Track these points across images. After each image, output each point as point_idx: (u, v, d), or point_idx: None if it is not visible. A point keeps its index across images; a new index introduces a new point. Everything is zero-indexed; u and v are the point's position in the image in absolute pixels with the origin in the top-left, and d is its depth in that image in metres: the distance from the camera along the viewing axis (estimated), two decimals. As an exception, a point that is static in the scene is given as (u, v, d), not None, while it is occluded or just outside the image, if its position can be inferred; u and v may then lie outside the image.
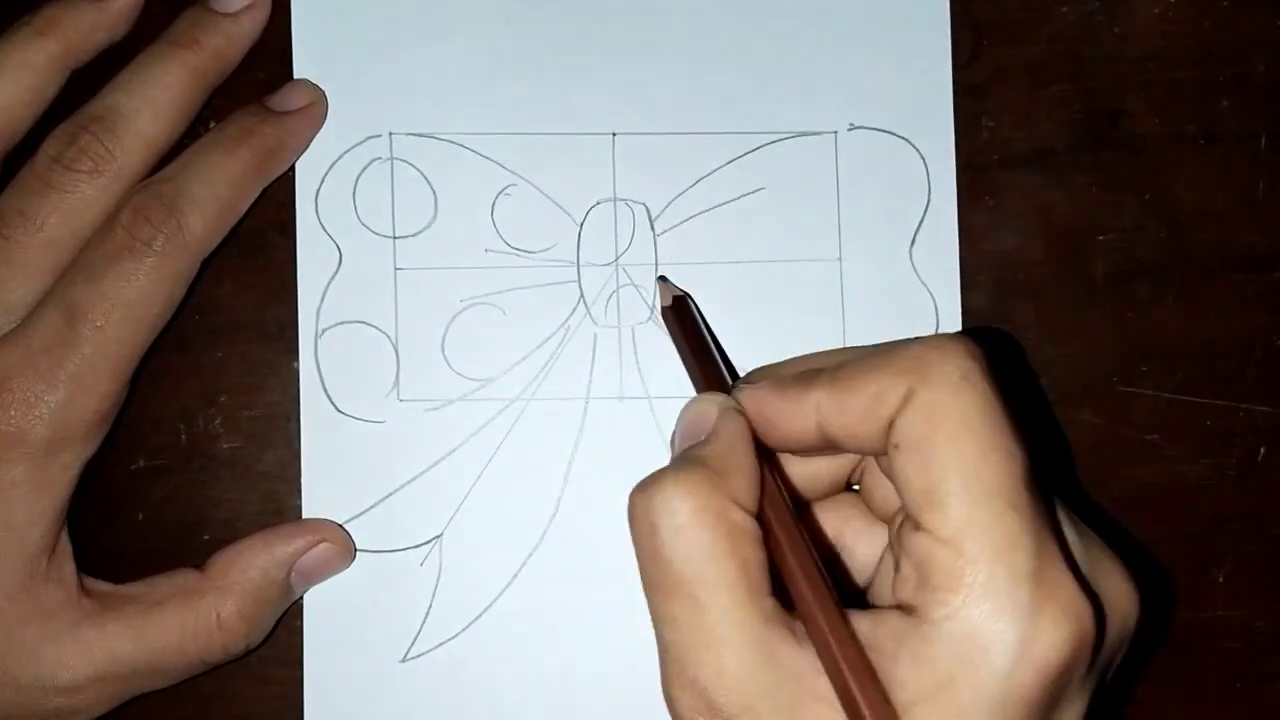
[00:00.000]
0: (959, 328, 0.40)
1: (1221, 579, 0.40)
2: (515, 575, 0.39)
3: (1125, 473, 0.40)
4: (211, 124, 0.39)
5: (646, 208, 0.40)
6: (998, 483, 0.28)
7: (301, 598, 0.39)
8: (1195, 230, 0.41)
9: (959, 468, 0.28)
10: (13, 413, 0.34)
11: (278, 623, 0.38)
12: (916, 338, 0.30)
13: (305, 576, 0.38)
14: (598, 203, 0.40)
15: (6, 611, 0.35)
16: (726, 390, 0.33)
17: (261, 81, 0.39)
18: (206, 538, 0.39)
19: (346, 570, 0.39)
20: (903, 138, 0.40)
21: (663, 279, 0.39)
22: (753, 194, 0.40)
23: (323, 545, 0.38)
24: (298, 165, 0.39)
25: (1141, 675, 0.40)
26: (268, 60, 0.39)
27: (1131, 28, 0.41)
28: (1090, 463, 0.40)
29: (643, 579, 0.30)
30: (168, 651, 0.36)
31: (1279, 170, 0.41)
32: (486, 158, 0.40)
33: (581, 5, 0.40)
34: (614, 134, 0.40)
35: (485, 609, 0.39)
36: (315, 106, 0.39)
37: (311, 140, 0.39)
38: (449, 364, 0.39)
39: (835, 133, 0.40)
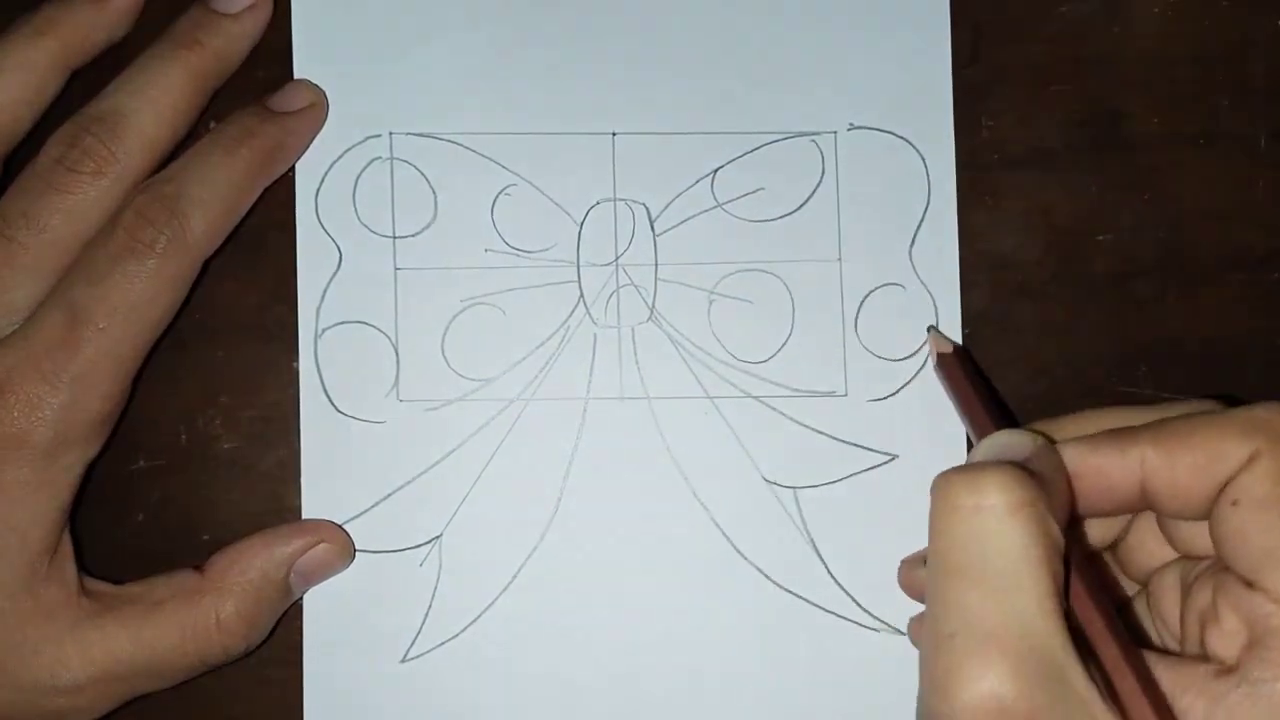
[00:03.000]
0: (959, 328, 0.40)
1: (1221, 579, 0.40)
2: (515, 575, 0.39)
3: (1125, 473, 0.40)
4: (212, 124, 0.39)
5: (646, 208, 0.40)
6: None
7: (301, 598, 0.39)
8: (1195, 230, 0.41)
9: None
10: (15, 414, 0.34)
11: (278, 623, 0.38)
12: (1255, 405, 0.30)
13: (305, 577, 0.38)
14: (598, 202, 0.40)
15: (8, 612, 0.35)
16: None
17: (262, 81, 0.39)
18: (206, 538, 0.39)
19: (346, 570, 0.39)
20: (902, 138, 0.40)
21: (934, 329, 0.39)
22: (753, 194, 0.40)
23: (322, 546, 0.38)
24: (298, 165, 0.39)
25: None
26: (268, 60, 0.39)
27: (1131, 28, 0.41)
28: (1090, 463, 0.40)
29: (940, 561, 0.28)
30: (168, 652, 0.36)
31: (1279, 170, 0.41)
32: (486, 158, 0.40)
33: (581, 5, 0.40)
34: (614, 134, 0.40)
35: (485, 609, 0.39)
36: (316, 107, 0.39)
37: (312, 140, 0.39)
38: (449, 364, 0.39)
39: (835, 133, 0.40)
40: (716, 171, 0.40)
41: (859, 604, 0.39)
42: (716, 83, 0.40)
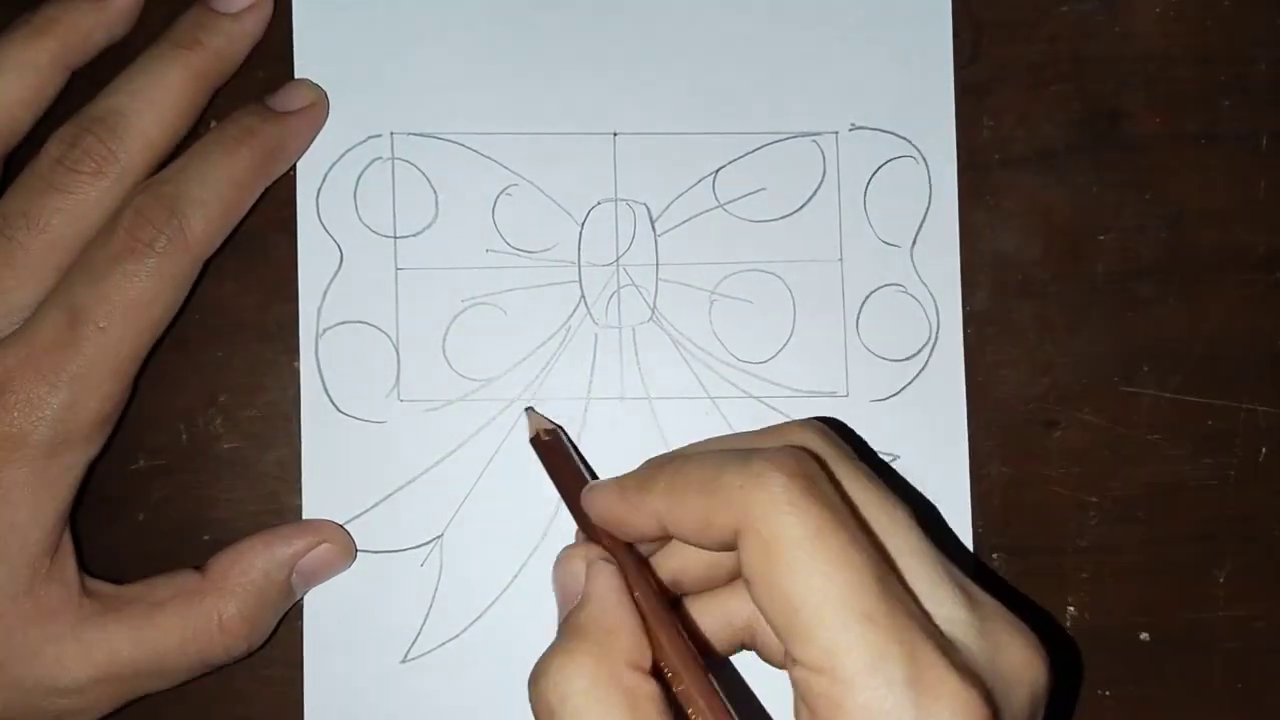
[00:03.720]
0: (959, 328, 0.40)
1: (1221, 579, 0.40)
2: (515, 576, 0.39)
3: (1127, 473, 0.40)
4: (213, 124, 0.39)
5: (647, 208, 0.40)
6: (848, 599, 0.27)
7: (302, 598, 0.39)
8: (1195, 230, 0.41)
9: (806, 595, 0.28)
10: (15, 414, 0.34)
11: (279, 623, 0.38)
12: (748, 454, 0.30)
13: (306, 577, 0.38)
14: (599, 203, 0.40)
15: (9, 613, 0.35)
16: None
17: (262, 81, 0.39)
18: (206, 538, 0.39)
19: (347, 570, 0.39)
20: (903, 138, 0.40)
21: (530, 410, 0.39)
22: (753, 194, 0.40)
23: (323, 546, 0.38)
24: (298, 165, 0.39)
25: (1142, 675, 0.40)
26: (269, 60, 0.39)
27: (1132, 27, 0.41)
28: (1092, 463, 0.40)
29: None
30: (169, 653, 0.36)
31: (1279, 170, 0.41)
32: (487, 157, 0.40)
33: (582, 5, 0.40)
34: (615, 134, 0.40)
35: (485, 609, 0.39)
36: (317, 106, 0.39)
37: (313, 140, 0.39)
38: (449, 364, 0.39)
39: (835, 133, 0.40)
40: (718, 172, 0.40)
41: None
42: (717, 83, 0.40)
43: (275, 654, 0.39)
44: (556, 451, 0.37)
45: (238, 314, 0.39)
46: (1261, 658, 0.40)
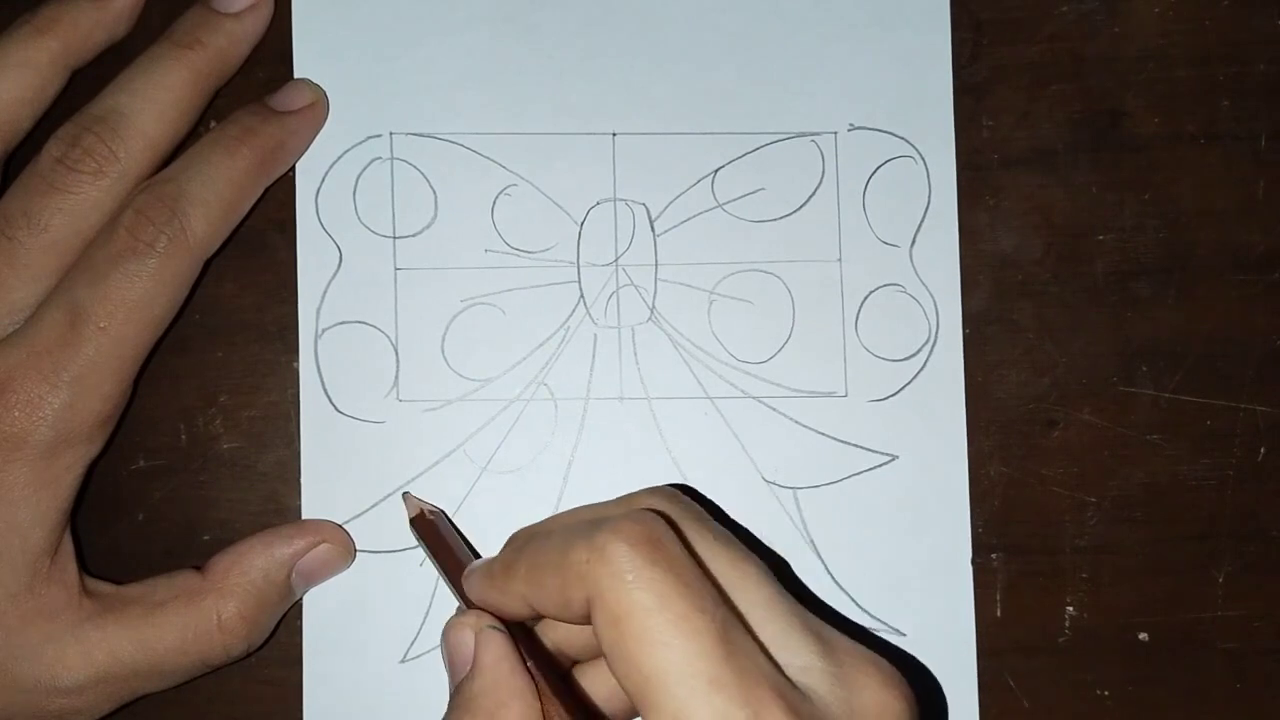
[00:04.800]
0: (959, 328, 0.40)
1: (1221, 579, 0.40)
2: (515, 575, 0.39)
3: (1126, 473, 0.40)
4: (213, 124, 0.39)
5: (646, 208, 0.40)
6: (692, 665, 0.27)
7: (302, 598, 0.39)
8: (1195, 230, 0.41)
9: (654, 665, 0.28)
10: (16, 414, 0.34)
11: (278, 624, 0.38)
12: (597, 524, 0.30)
13: (306, 577, 0.38)
14: (598, 203, 0.40)
15: (9, 612, 0.35)
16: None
17: (262, 81, 0.39)
18: (206, 538, 0.39)
19: (346, 570, 0.39)
20: (903, 138, 0.40)
21: (407, 495, 0.39)
22: (753, 194, 0.40)
23: (323, 546, 0.38)
24: (298, 165, 0.39)
25: (1141, 675, 0.40)
26: (269, 60, 0.39)
27: (1131, 27, 0.41)
28: (1091, 463, 0.40)
29: None
30: (169, 653, 0.36)
31: (1279, 170, 0.41)
32: (487, 157, 0.40)
33: (582, 5, 0.40)
34: (614, 134, 0.40)
35: (485, 609, 0.39)
36: (316, 106, 0.39)
37: (313, 140, 0.39)
38: (449, 364, 0.39)
39: (835, 133, 0.40)
40: (717, 172, 0.40)
41: (859, 604, 0.39)
42: (717, 83, 0.40)
43: (275, 654, 0.39)
44: (435, 533, 0.37)
45: (238, 314, 0.39)
46: (1261, 658, 0.40)
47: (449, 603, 0.39)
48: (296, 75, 0.39)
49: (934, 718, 0.39)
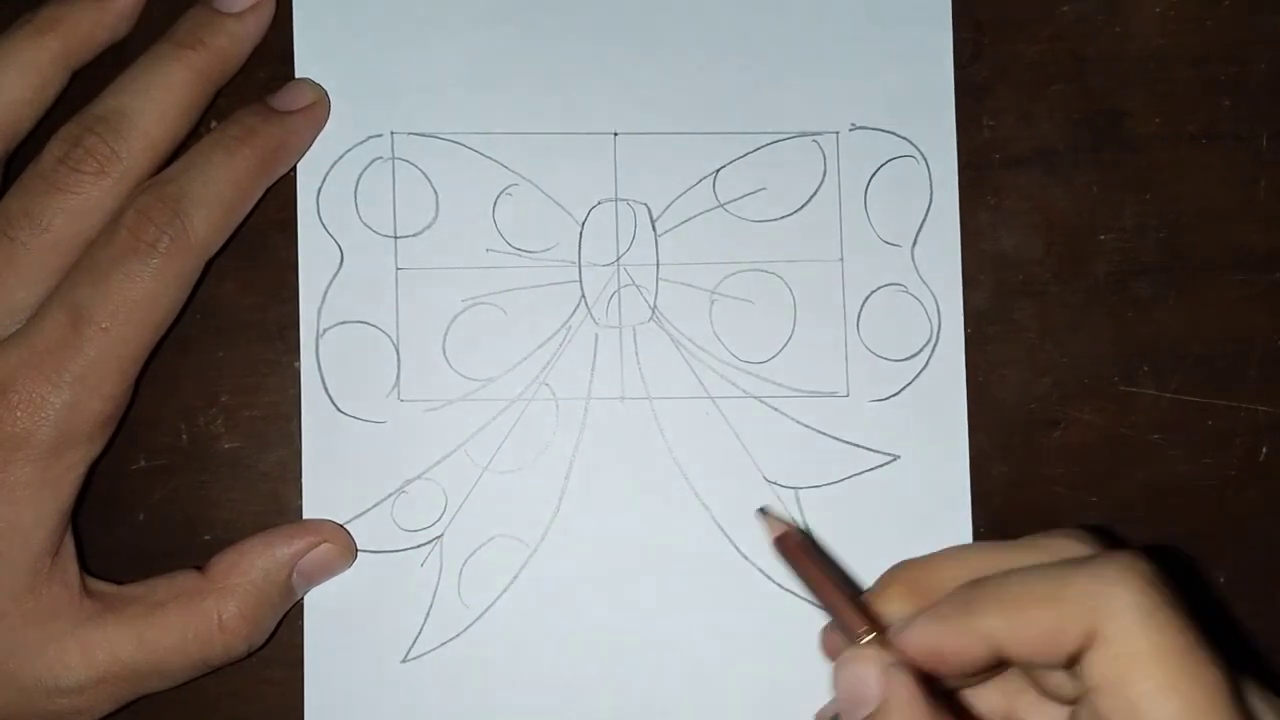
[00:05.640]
0: (960, 327, 0.40)
1: (1221, 579, 0.40)
2: (515, 575, 0.39)
3: (1125, 473, 0.40)
4: (214, 124, 0.39)
5: (648, 208, 0.40)
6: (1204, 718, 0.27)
7: (302, 598, 0.39)
8: (1195, 230, 0.41)
9: (1164, 711, 0.27)
10: (18, 414, 0.34)
11: (279, 624, 0.38)
12: (1089, 560, 0.29)
13: (306, 577, 0.38)
14: (599, 202, 0.40)
15: (10, 612, 0.35)
16: (867, 619, 0.32)
17: (263, 81, 0.39)
18: (207, 538, 0.39)
19: (348, 570, 0.39)
20: (904, 138, 0.40)
21: (764, 510, 0.37)
22: (753, 194, 0.40)
23: (324, 546, 0.38)
24: (299, 165, 0.39)
25: None
26: (269, 60, 0.39)
27: (1132, 27, 0.41)
28: (1091, 463, 0.40)
29: None
30: (169, 653, 0.36)
31: (1279, 170, 0.41)
32: (488, 157, 0.40)
33: (582, 5, 0.40)
34: (615, 134, 0.40)
35: (485, 609, 0.39)
36: (318, 106, 0.39)
37: (314, 140, 0.39)
38: (449, 364, 0.39)
39: (836, 133, 0.40)
40: (718, 171, 0.40)
41: (860, 604, 0.39)
42: (718, 83, 0.40)
43: (275, 654, 0.39)
44: (809, 555, 0.35)
45: (238, 314, 0.39)
46: (1261, 658, 0.40)
47: (449, 603, 0.39)
48: (297, 75, 0.39)
49: None
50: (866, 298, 0.40)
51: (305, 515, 0.39)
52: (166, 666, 0.36)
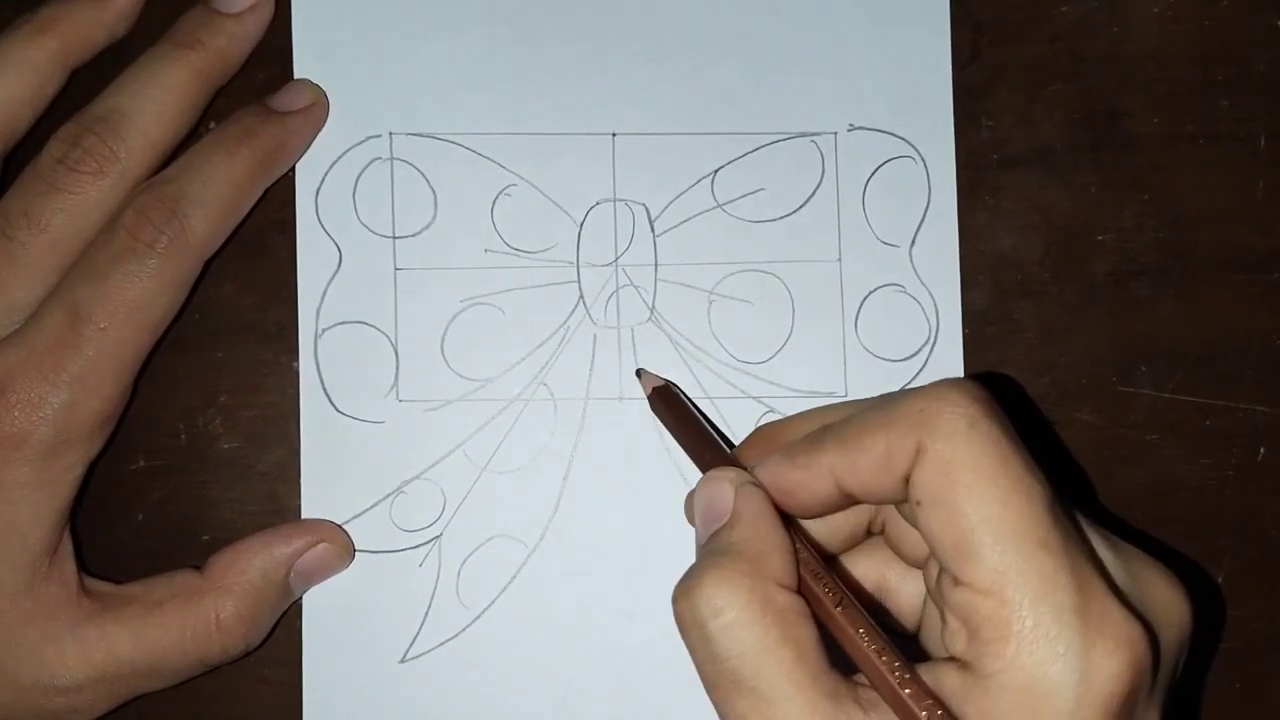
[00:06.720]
0: (958, 327, 0.40)
1: (1221, 579, 0.40)
2: (515, 575, 0.39)
3: (1125, 473, 0.40)
4: (212, 124, 0.39)
5: (646, 208, 0.40)
6: (1024, 525, 0.28)
7: (301, 598, 0.39)
8: (1195, 230, 0.41)
9: (983, 517, 0.28)
10: (16, 414, 0.34)
11: (277, 623, 0.38)
12: (918, 388, 0.30)
13: (304, 577, 0.38)
14: (597, 203, 0.40)
15: (9, 612, 0.35)
16: (730, 463, 0.33)
17: (262, 81, 0.39)
18: (206, 538, 0.39)
19: (346, 570, 0.39)
20: (903, 138, 0.40)
21: (641, 371, 0.39)
22: (753, 194, 0.40)
23: (322, 546, 0.38)
24: (298, 165, 0.39)
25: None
26: (268, 60, 0.39)
27: (1131, 27, 0.41)
28: (1090, 463, 0.40)
29: (702, 679, 0.30)
30: (167, 652, 0.36)
31: (1279, 170, 0.41)
32: (486, 158, 0.40)
33: (582, 5, 0.40)
34: (614, 134, 0.40)
35: (485, 609, 0.39)
36: (316, 107, 0.39)
37: (313, 140, 0.39)
38: (448, 364, 0.39)
39: (835, 133, 0.40)
40: (716, 172, 0.40)
41: (859, 604, 0.39)
42: (717, 83, 0.40)
43: (274, 654, 0.39)
44: (680, 406, 0.37)
45: (237, 314, 0.39)
46: (1261, 658, 0.40)
47: (448, 603, 0.39)
48: (296, 75, 0.39)
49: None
50: (865, 298, 0.40)
51: (304, 515, 0.39)
52: (164, 666, 0.36)
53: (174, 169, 0.37)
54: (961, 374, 0.40)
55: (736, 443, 0.37)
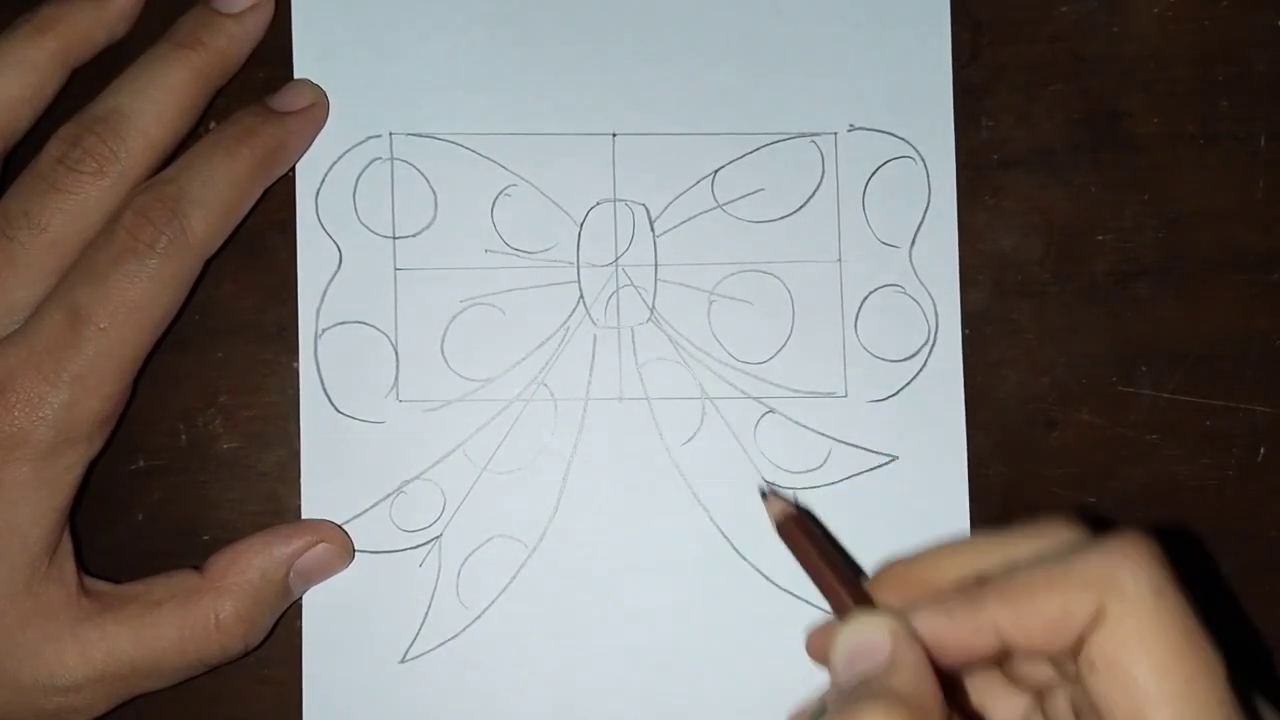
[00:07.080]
0: (958, 328, 0.40)
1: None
2: (515, 575, 0.39)
3: (1125, 473, 0.40)
4: (212, 125, 0.39)
5: (646, 208, 0.40)
6: (1205, 703, 0.27)
7: (301, 598, 0.39)
8: (1195, 230, 0.41)
9: (1164, 693, 0.27)
10: (16, 414, 0.34)
11: (277, 623, 0.38)
12: (1093, 545, 0.29)
13: (304, 577, 0.38)
14: (598, 203, 0.40)
15: (8, 611, 0.35)
16: (865, 602, 0.32)
17: (262, 81, 0.39)
18: (206, 538, 0.39)
19: (346, 570, 0.39)
20: (902, 138, 0.40)
21: (770, 493, 0.36)
22: (753, 194, 0.40)
23: (321, 546, 0.38)
24: (298, 165, 0.39)
25: None
26: (269, 60, 0.39)
27: (1131, 27, 0.41)
28: (1090, 463, 0.40)
29: None
30: (166, 652, 0.36)
31: (1279, 170, 0.41)
32: (486, 158, 0.40)
33: (581, 5, 0.40)
34: (614, 134, 0.40)
35: (485, 609, 0.39)
36: (317, 107, 0.39)
37: (313, 140, 0.39)
38: (448, 364, 0.39)
39: (835, 133, 0.40)
40: (716, 172, 0.40)
41: (859, 604, 0.39)
42: (716, 83, 0.40)
43: (274, 654, 0.39)
44: (810, 537, 0.34)
45: (237, 314, 0.39)
46: (1261, 657, 0.40)
47: (448, 603, 0.39)
48: (296, 75, 0.39)
49: None
50: (865, 298, 0.40)
51: (304, 515, 0.39)
52: (163, 666, 0.36)
53: (174, 169, 0.37)
54: (961, 374, 0.40)
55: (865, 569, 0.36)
